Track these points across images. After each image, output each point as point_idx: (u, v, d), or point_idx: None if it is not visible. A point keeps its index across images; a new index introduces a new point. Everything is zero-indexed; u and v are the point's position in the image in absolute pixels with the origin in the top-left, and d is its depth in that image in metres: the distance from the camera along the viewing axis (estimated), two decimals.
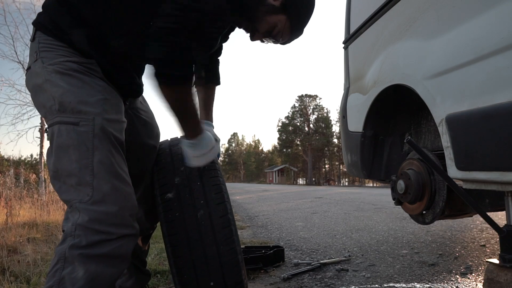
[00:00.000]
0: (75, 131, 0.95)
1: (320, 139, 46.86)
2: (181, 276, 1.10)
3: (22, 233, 3.27)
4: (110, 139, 0.99)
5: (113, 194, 0.95)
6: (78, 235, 0.91)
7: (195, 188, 1.14)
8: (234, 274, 1.11)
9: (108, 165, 0.96)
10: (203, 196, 1.13)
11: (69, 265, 0.89)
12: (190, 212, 1.11)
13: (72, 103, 0.96)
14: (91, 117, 0.96)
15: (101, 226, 0.92)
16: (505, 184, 1.18)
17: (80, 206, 0.93)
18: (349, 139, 2.39)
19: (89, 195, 0.93)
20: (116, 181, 0.96)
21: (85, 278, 0.89)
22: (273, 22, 1.11)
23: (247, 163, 68.63)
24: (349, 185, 34.12)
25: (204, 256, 1.09)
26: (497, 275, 1.23)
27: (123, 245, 0.96)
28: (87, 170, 0.94)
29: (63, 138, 0.95)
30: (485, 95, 1.17)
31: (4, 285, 1.80)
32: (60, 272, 0.89)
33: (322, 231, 3.58)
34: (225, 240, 1.10)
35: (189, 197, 1.13)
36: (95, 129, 0.96)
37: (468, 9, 1.30)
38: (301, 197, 9.64)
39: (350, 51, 2.49)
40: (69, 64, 0.99)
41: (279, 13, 1.10)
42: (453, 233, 3.07)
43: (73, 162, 0.94)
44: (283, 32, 1.15)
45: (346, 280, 1.91)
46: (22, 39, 7.81)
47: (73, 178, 0.94)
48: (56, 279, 0.89)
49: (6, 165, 7.85)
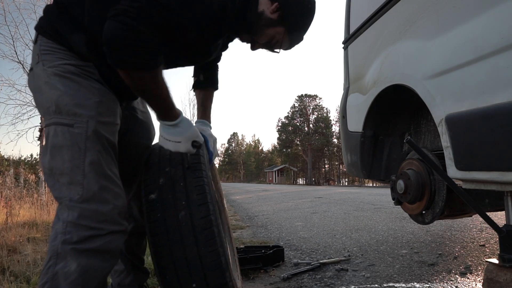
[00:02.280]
0: (70, 132, 1.00)
1: (319, 139, 46.87)
2: (163, 276, 1.10)
3: (22, 233, 3.27)
4: (102, 142, 1.03)
5: (102, 193, 0.99)
6: (69, 232, 0.95)
7: (177, 189, 1.14)
8: (216, 276, 1.09)
9: (98, 166, 1.01)
10: (185, 197, 1.12)
11: (61, 261, 0.93)
12: (171, 213, 1.11)
13: (68, 106, 1.00)
14: (85, 119, 1.01)
15: (91, 223, 0.97)
16: (504, 184, 1.18)
17: (70, 204, 0.97)
18: (349, 139, 2.39)
19: (79, 193, 0.97)
20: (105, 181, 1.01)
21: (78, 271, 0.93)
22: (272, 34, 1.14)
23: (247, 163, 68.67)
24: (348, 185, 34.12)
25: (185, 258, 1.08)
26: (496, 275, 1.23)
27: (113, 241, 1.00)
28: (78, 170, 0.98)
29: (58, 138, 1.00)
30: (485, 95, 1.17)
31: (4, 285, 1.80)
32: (53, 268, 0.93)
33: (322, 231, 3.59)
34: (206, 241, 1.08)
35: (171, 198, 1.13)
36: (88, 131, 1.00)
37: (468, 9, 1.31)
38: (300, 197, 9.64)
39: (350, 51, 2.49)
40: (67, 67, 1.03)
41: (277, 25, 1.12)
42: (452, 233, 3.07)
43: (66, 161, 0.99)
44: (282, 42, 1.17)
45: (346, 280, 1.91)
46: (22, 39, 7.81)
47: (65, 177, 0.99)
48: (49, 275, 0.93)
49: (6, 165, 7.86)
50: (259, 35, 1.15)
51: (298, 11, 1.12)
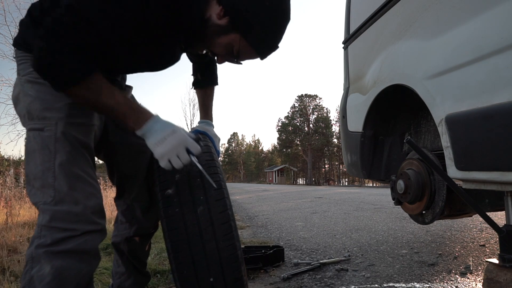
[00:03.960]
0: (40, 136, 1.00)
1: (320, 139, 46.88)
2: (180, 271, 1.11)
3: (22, 233, 3.27)
4: (72, 142, 1.02)
5: (73, 193, 0.99)
6: (43, 235, 0.96)
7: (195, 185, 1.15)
8: (233, 270, 1.11)
9: (68, 167, 1.00)
10: (203, 192, 1.14)
11: (36, 264, 0.94)
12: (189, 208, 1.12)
13: (37, 110, 1.01)
14: (54, 122, 1.00)
15: (64, 224, 0.97)
16: (504, 184, 1.18)
17: (44, 207, 0.98)
18: (349, 139, 2.39)
19: (52, 196, 0.97)
20: (76, 181, 1.00)
21: (51, 273, 0.93)
22: (227, 43, 1.00)
23: (247, 163, 68.67)
24: (348, 185, 34.13)
25: (203, 251, 1.10)
26: (496, 275, 1.23)
27: (88, 241, 1.00)
28: (49, 173, 0.98)
29: (30, 143, 1.01)
30: (485, 95, 1.17)
31: (4, 284, 1.80)
32: (29, 272, 0.94)
33: (322, 231, 3.59)
34: (224, 235, 1.11)
35: (189, 193, 1.14)
36: (57, 133, 1.00)
37: (468, 9, 1.31)
38: (300, 197, 9.64)
39: (350, 51, 2.49)
40: None
41: (229, 32, 0.98)
42: (452, 233, 3.07)
43: (38, 165, 0.99)
44: (244, 51, 1.01)
45: (346, 280, 1.91)
46: None
47: (38, 181, 0.99)
48: (26, 280, 0.94)
49: (6, 165, 7.85)
50: (213, 46, 1.02)
51: (251, 11, 0.95)
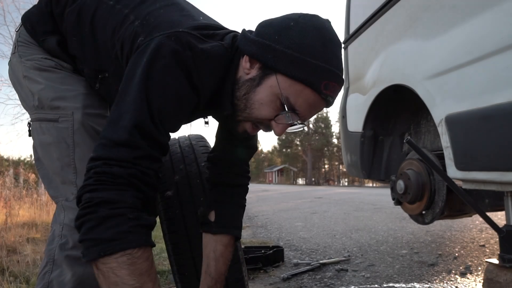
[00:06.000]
0: (55, 128, 0.93)
1: (319, 139, 46.86)
2: (182, 273, 1.11)
3: (21, 233, 3.26)
4: (92, 134, 0.94)
5: None
6: (64, 235, 0.90)
7: (194, 186, 1.15)
8: (234, 270, 1.11)
9: None
10: (202, 193, 1.13)
11: (57, 268, 0.89)
12: (190, 209, 1.12)
13: (49, 99, 0.93)
14: (69, 112, 0.92)
15: None
16: (504, 184, 1.18)
17: (65, 204, 0.92)
18: (349, 139, 2.39)
19: (74, 193, 0.90)
20: None
21: (72, 281, 0.88)
22: (266, 95, 0.77)
23: None
24: (348, 185, 34.12)
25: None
26: (496, 275, 1.23)
27: None
28: (69, 169, 0.92)
29: (44, 136, 0.94)
30: (485, 95, 1.17)
31: (3, 285, 1.80)
32: (48, 275, 0.89)
33: (322, 231, 3.58)
34: None
35: (189, 195, 1.14)
36: (75, 124, 0.92)
37: (467, 9, 1.30)
38: (300, 197, 9.64)
39: (350, 51, 2.49)
40: (47, 61, 0.97)
41: (263, 79, 0.77)
42: (452, 233, 3.07)
43: (55, 160, 0.92)
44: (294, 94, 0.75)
45: (346, 280, 1.91)
46: None
47: (57, 177, 0.93)
48: (45, 282, 0.90)
49: (6, 165, 7.84)
50: (251, 108, 0.79)
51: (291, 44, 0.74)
